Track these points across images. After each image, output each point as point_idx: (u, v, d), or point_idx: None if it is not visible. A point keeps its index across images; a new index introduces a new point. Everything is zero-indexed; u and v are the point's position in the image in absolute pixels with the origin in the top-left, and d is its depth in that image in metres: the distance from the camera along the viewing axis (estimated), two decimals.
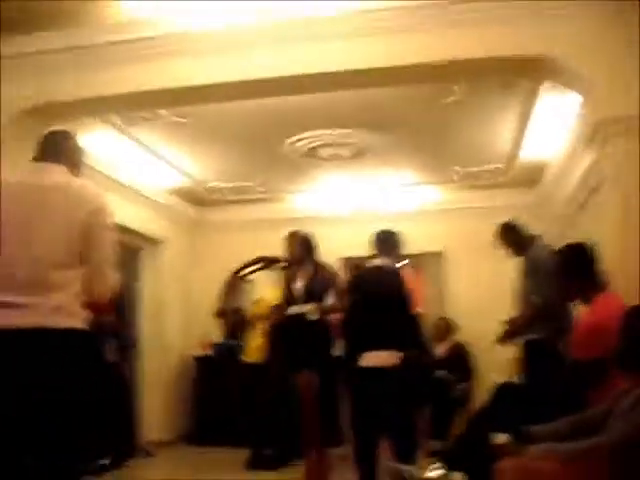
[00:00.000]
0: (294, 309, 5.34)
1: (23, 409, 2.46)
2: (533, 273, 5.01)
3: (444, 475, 2.72)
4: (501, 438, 2.85)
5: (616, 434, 2.52)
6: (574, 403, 3.13)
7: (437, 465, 2.91)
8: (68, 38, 4.64)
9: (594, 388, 3.22)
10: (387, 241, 5.31)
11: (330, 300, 5.49)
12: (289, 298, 5.42)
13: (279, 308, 5.64)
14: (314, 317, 5.23)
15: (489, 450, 2.77)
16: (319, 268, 5.48)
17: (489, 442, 2.86)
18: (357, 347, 5.11)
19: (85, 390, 2.67)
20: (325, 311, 5.35)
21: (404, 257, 5.75)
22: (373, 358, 4.97)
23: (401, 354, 5.03)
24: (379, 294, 5.13)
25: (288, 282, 5.49)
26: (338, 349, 6.09)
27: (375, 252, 5.31)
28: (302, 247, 5.54)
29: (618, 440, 2.48)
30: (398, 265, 5.39)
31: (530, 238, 5.28)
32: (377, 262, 5.26)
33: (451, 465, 2.86)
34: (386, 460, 3.23)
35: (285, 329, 5.53)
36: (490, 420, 3.18)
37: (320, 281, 5.40)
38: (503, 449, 2.72)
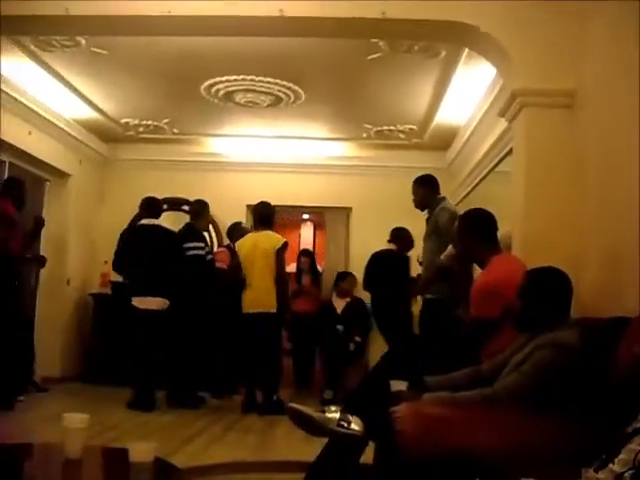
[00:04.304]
0: None
1: None
2: (436, 234, 5.18)
3: (343, 417, 2.82)
4: (399, 385, 2.99)
5: (505, 384, 2.70)
6: (467, 357, 3.30)
7: (334, 409, 3.00)
8: None
9: (486, 344, 3.41)
10: (154, 205, 6.66)
11: None
12: None
13: None
14: None
15: (387, 396, 2.90)
16: None
17: (387, 389, 3.00)
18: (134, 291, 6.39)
19: None
20: None
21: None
22: (146, 302, 6.30)
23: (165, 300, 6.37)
24: (156, 247, 6.39)
25: None
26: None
27: (143, 214, 6.61)
28: None
29: (507, 389, 2.66)
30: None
31: (437, 199, 5.43)
32: (154, 222, 6.54)
33: (348, 410, 2.96)
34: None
35: None
36: (389, 369, 3.31)
37: None
38: (400, 395, 2.86)
